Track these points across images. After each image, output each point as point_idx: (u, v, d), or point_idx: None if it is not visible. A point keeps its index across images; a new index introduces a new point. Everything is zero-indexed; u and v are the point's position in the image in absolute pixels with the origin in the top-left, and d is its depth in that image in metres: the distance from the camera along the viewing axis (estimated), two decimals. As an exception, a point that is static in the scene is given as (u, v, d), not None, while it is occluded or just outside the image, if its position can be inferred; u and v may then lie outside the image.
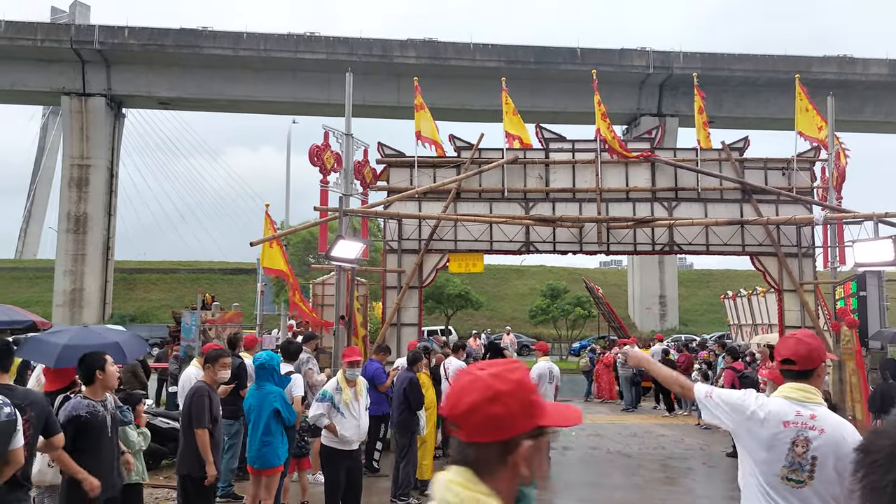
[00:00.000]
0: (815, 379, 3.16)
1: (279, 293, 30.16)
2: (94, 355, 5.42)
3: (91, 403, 5.24)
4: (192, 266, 60.24)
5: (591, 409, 19.57)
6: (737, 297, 25.60)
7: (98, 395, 5.34)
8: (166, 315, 41.86)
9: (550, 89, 47.17)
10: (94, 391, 5.34)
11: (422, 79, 15.95)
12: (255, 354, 7.77)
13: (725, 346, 15.95)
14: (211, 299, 17.28)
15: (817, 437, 2.99)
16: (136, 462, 6.18)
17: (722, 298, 28.23)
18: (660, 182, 14.76)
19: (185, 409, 6.28)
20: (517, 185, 14.66)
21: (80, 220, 46.08)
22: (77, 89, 46.38)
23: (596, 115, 14.64)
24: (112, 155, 48.59)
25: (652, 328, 44.45)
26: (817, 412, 3.06)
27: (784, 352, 3.21)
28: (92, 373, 5.31)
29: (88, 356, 5.41)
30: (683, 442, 13.95)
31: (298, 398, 7.86)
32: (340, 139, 13.47)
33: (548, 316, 39.19)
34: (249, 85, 46.88)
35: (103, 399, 5.37)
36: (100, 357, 5.40)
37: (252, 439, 6.87)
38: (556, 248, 14.72)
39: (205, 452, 6.14)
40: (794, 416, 3.06)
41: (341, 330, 11.75)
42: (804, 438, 3.01)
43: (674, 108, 48.47)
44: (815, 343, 3.18)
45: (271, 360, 6.96)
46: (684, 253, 15.57)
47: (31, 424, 4.13)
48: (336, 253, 11.34)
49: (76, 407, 5.17)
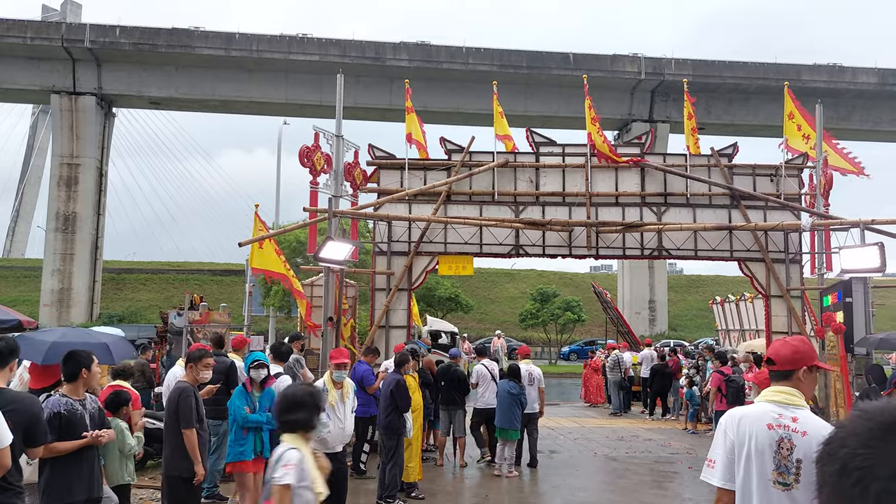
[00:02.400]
0: (797, 382, 3.18)
1: (267, 295, 30.05)
2: (82, 354, 5.40)
3: (69, 401, 5.20)
4: (181, 267, 59.98)
5: (578, 412, 19.61)
6: (725, 302, 25.71)
7: (78, 393, 5.31)
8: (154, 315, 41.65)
9: (542, 94, 47.30)
10: (74, 389, 5.30)
11: (414, 82, 15.98)
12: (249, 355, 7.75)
13: (713, 351, 16.04)
14: (199, 300, 17.22)
15: (800, 440, 3.00)
16: (125, 463, 6.19)
17: (710, 304, 28.34)
18: (649, 187, 14.82)
19: (172, 410, 6.25)
20: (507, 188, 14.69)
21: (69, 220, 45.82)
22: (67, 88, 46.14)
23: (587, 119, 14.69)
24: (102, 154, 48.35)
25: (641, 333, 44.58)
26: (799, 415, 3.08)
27: (769, 352, 3.26)
28: (77, 370, 5.27)
29: (76, 354, 5.38)
30: (670, 446, 14.00)
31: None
32: (331, 140, 13.49)
33: (537, 320, 39.25)
34: (241, 85, 46.77)
35: (82, 398, 5.34)
36: (87, 356, 5.37)
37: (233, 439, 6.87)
38: (545, 252, 14.74)
39: (193, 453, 6.13)
40: (777, 417, 3.08)
41: (329, 331, 11.73)
42: (788, 440, 3.03)
43: (665, 114, 48.68)
44: (801, 346, 3.20)
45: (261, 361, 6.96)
46: (673, 258, 15.63)
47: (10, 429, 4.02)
48: (325, 254, 11.32)
49: (54, 405, 5.14)
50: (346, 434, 7.51)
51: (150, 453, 10.25)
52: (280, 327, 35.61)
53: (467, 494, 10.09)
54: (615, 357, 19.58)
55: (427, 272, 14.66)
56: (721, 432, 3.20)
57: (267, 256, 12.68)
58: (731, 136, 40.58)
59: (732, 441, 3.12)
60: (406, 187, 14.24)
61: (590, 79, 16.22)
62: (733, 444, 3.12)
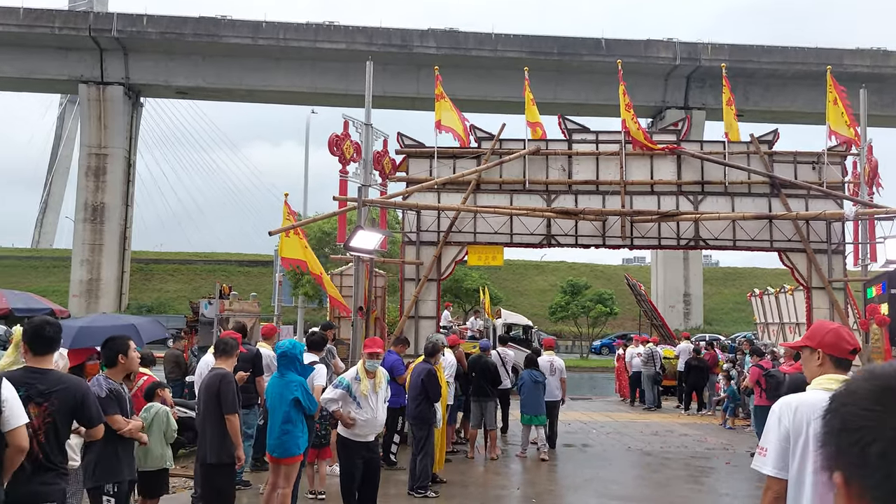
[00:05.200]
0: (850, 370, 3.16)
1: (297, 285, 30.36)
2: (120, 339, 5.58)
3: (111, 382, 5.38)
4: (208, 258, 60.86)
5: (611, 407, 19.54)
6: (764, 294, 25.36)
7: (118, 378, 5.51)
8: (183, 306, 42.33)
9: (573, 81, 47.00)
10: (114, 374, 5.49)
11: (442, 69, 15.94)
12: (277, 343, 7.83)
13: (752, 344, 15.89)
14: (228, 290, 17.45)
15: None
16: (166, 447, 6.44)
17: (749, 296, 27.98)
18: (686, 175, 14.67)
19: (212, 395, 6.34)
20: (539, 176, 14.64)
21: (98, 210, 46.68)
22: (95, 77, 46.92)
23: (621, 106, 14.57)
24: (130, 144, 49.15)
25: (676, 327, 44.21)
26: None
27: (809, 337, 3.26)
28: (115, 356, 5.46)
29: (113, 340, 5.55)
30: (707, 441, 13.89)
31: (319, 388, 7.91)
32: (360, 129, 13.53)
33: (567, 313, 39.15)
34: (268, 74, 47.17)
35: (121, 382, 5.52)
36: (124, 342, 5.54)
37: (272, 428, 6.94)
38: (578, 242, 14.68)
39: (236, 438, 6.32)
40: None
41: (359, 321, 11.82)
42: None
43: (700, 101, 48.09)
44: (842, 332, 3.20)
45: (293, 349, 7.01)
46: (710, 248, 15.47)
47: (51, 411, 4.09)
48: (355, 243, 11.39)
49: (106, 383, 5.34)
50: (378, 424, 7.56)
51: (182, 441, 10.45)
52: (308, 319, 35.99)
53: (498, 487, 10.12)
54: (648, 351, 19.46)
55: (456, 262, 14.69)
56: (775, 420, 3.17)
57: (294, 245, 12.78)
58: (769, 122, 39.95)
59: (787, 428, 3.09)
60: (435, 176, 14.27)
61: (623, 64, 16.07)
62: (788, 431, 3.09)
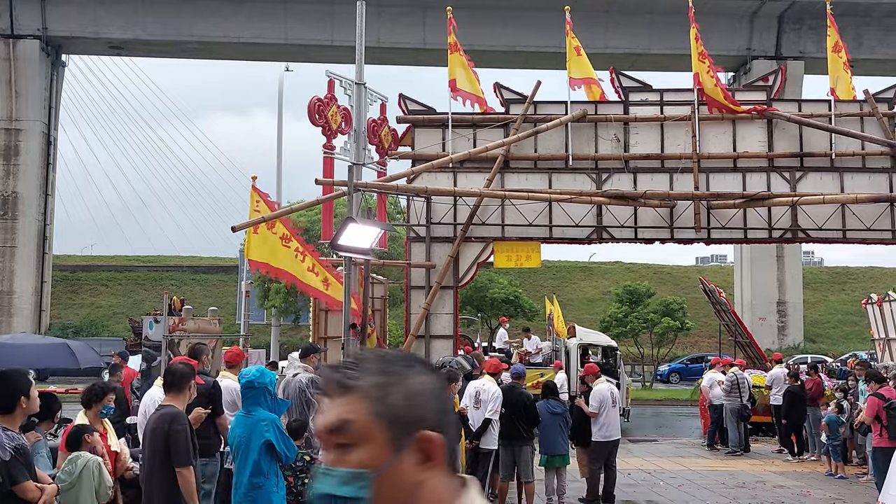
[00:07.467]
0: None
1: (266, 295, 30.46)
2: (18, 376, 5.43)
3: (15, 437, 5.25)
4: (153, 262, 61.26)
5: (683, 451, 19.50)
6: (884, 301, 25.23)
7: (15, 426, 5.35)
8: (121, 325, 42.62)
9: (627, 25, 46.87)
10: (12, 422, 5.31)
11: (456, 11, 15.98)
12: (241, 371, 7.91)
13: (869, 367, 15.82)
14: (180, 304, 17.58)
15: None
16: None
17: (864, 304, 27.82)
18: (779, 146, 14.64)
19: (158, 442, 6.38)
20: (585, 150, 14.65)
21: (7, 202, 46.92)
22: (3, 29, 47.21)
23: (693, 55, 14.56)
24: (49, 117, 49.41)
25: (767, 345, 43.96)
26: None
27: None
28: (13, 398, 5.29)
29: (10, 376, 5.40)
30: (810, 496, 13.88)
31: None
32: (349, 90, 13.55)
33: (625, 328, 38.97)
34: (227, 22, 47.26)
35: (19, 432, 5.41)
36: (24, 378, 5.41)
37: (238, 482, 6.99)
38: (637, 236, 14.69)
39: (192, 497, 6.32)
40: None
41: (352, 342, 11.88)
42: None
43: (797, 49, 47.84)
44: None
45: (262, 378, 7.07)
46: (812, 241, 15.43)
47: None
48: (345, 241, 11.40)
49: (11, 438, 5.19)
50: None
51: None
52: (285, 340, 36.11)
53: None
54: (732, 377, 19.40)
55: (479, 264, 14.73)
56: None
57: (269, 244, 12.82)
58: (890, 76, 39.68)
59: None
60: (450, 151, 14.31)
61: (694, 2, 16.07)
62: None
